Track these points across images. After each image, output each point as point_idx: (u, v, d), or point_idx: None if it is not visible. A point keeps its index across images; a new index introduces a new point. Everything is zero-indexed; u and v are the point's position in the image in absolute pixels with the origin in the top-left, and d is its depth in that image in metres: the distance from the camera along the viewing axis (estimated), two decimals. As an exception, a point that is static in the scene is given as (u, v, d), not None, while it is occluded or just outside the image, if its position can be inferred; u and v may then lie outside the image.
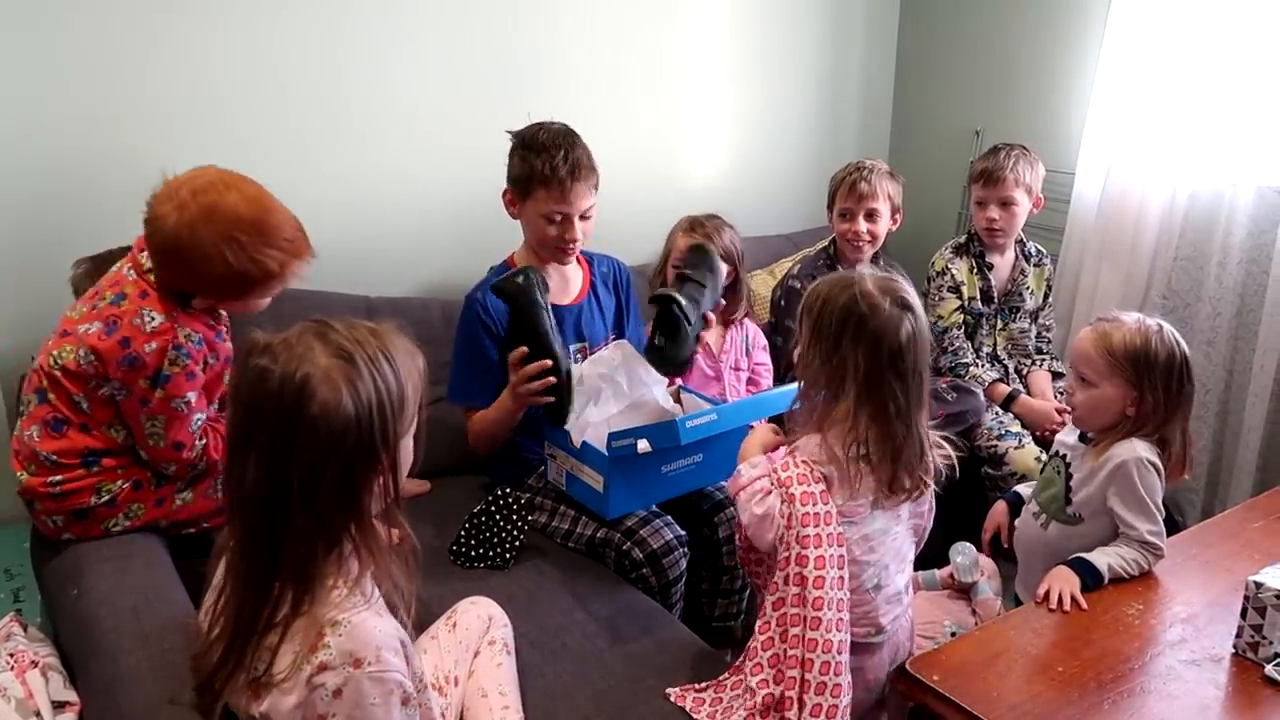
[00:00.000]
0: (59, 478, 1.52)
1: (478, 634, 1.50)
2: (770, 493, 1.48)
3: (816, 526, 1.42)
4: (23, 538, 1.72)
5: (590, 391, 1.92)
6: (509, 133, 2.01)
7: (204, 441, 1.60)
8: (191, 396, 1.53)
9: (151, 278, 1.52)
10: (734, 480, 1.53)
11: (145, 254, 1.52)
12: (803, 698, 1.40)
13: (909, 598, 1.59)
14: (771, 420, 1.73)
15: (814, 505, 1.43)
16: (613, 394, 1.94)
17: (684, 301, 1.99)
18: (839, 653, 1.41)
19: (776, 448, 1.58)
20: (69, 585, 1.48)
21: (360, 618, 1.02)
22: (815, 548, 1.42)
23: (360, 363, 1.04)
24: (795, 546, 1.43)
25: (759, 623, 1.46)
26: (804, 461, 1.47)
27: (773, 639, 1.44)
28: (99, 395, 1.51)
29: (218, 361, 1.62)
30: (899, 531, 1.53)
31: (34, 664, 1.45)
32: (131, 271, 1.53)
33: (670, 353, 1.98)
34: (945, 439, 1.55)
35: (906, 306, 1.46)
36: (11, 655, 1.46)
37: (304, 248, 1.59)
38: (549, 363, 1.81)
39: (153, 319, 1.49)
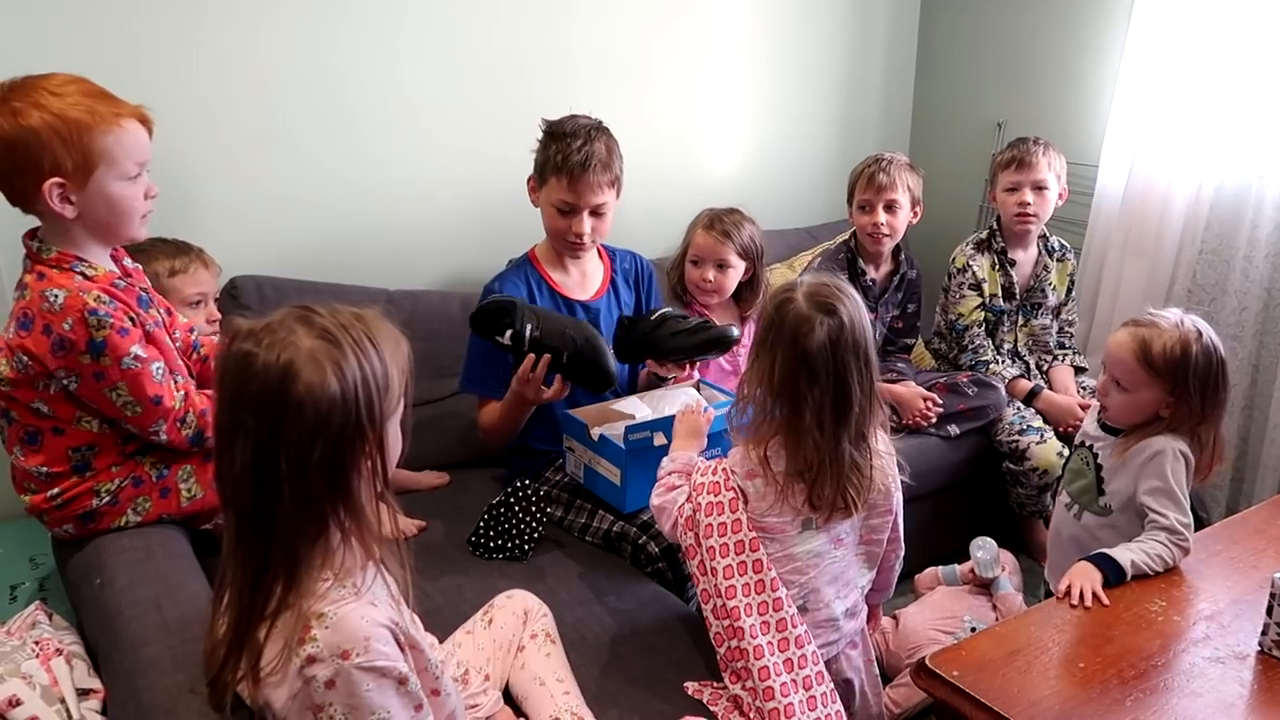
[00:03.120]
0: (56, 489, 1.52)
1: (514, 630, 1.51)
2: (676, 489, 1.54)
3: (723, 536, 1.45)
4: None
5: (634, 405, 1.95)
6: (543, 120, 2.01)
7: (182, 393, 1.54)
8: (136, 349, 1.47)
9: (44, 254, 1.45)
10: (661, 465, 1.61)
11: (34, 241, 1.48)
12: (757, 705, 1.41)
13: (855, 624, 1.56)
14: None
15: (718, 515, 1.46)
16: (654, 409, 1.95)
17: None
18: (772, 654, 1.42)
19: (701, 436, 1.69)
20: (92, 575, 1.49)
21: (346, 610, 1.02)
22: (722, 557, 1.45)
23: (345, 344, 1.04)
24: (702, 554, 1.47)
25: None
26: (723, 470, 1.49)
27: (722, 636, 1.47)
28: (53, 394, 1.48)
29: (157, 327, 1.54)
30: (840, 556, 1.51)
31: (59, 652, 1.47)
32: (26, 260, 1.49)
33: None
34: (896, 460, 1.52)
35: (828, 310, 1.40)
36: (37, 643, 1.47)
37: (90, 101, 1.40)
38: (544, 358, 1.80)
39: (56, 297, 1.42)
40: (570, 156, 1.91)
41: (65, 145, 1.38)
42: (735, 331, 2.00)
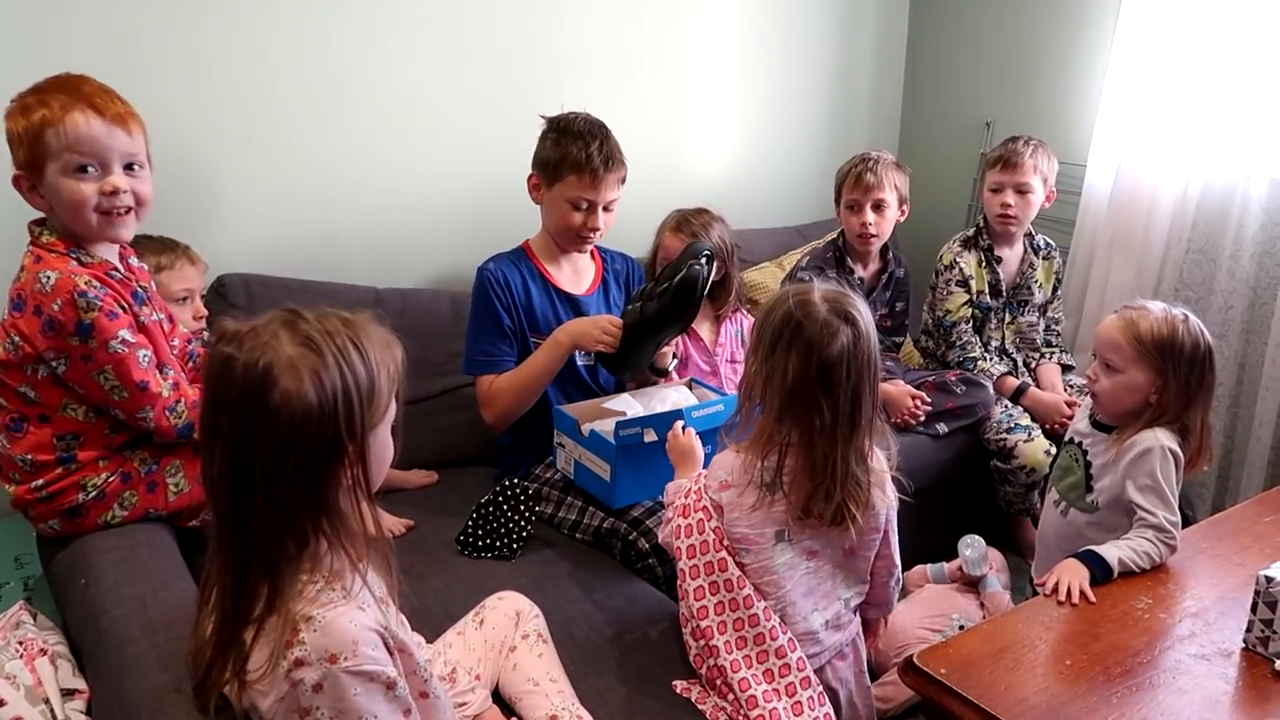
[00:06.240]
0: (41, 481, 1.51)
1: (506, 631, 1.50)
2: (672, 521, 1.53)
3: (692, 559, 1.46)
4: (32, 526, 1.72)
5: (626, 404, 1.95)
6: (542, 117, 2.01)
7: (171, 383, 1.54)
8: (125, 334, 1.48)
9: (43, 238, 1.48)
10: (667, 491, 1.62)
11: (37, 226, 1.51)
12: (743, 713, 1.41)
13: (840, 636, 1.54)
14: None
15: (687, 538, 1.47)
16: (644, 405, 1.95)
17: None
18: (750, 667, 1.42)
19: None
20: (77, 574, 1.48)
21: (334, 614, 1.01)
22: (693, 579, 1.46)
23: (327, 352, 1.02)
24: (678, 579, 1.48)
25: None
26: (695, 490, 1.49)
27: (701, 658, 1.48)
28: (41, 379, 1.48)
29: (149, 320, 1.55)
30: (813, 567, 1.48)
31: (43, 652, 1.45)
32: (28, 245, 1.50)
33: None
34: (893, 478, 1.49)
35: (849, 320, 1.38)
36: (21, 643, 1.46)
37: (47, 95, 1.43)
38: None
39: (49, 278, 1.43)
40: (593, 156, 1.95)
41: (21, 139, 1.43)
42: (699, 269, 1.91)
